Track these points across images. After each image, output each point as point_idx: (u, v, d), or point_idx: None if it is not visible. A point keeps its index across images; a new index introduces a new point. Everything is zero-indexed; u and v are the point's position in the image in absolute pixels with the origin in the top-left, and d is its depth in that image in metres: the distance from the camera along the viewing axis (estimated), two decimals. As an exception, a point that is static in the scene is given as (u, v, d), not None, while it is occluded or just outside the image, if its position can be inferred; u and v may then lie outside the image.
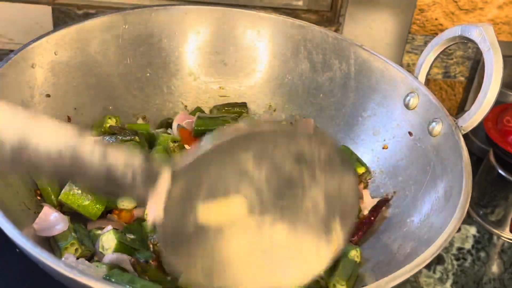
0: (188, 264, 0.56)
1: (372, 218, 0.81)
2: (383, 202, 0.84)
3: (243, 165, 0.54)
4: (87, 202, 0.78)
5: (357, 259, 0.77)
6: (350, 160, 0.79)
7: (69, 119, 0.90)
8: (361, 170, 0.92)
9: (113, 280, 0.68)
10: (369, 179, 0.93)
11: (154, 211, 0.54)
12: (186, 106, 1.03)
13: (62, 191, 0.79)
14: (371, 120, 0.95)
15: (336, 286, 0.73)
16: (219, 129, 0.54)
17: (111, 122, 0.91)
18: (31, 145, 0.50)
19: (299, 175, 0.55)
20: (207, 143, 0.53)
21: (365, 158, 0.94)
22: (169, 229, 0.54)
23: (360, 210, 0.85)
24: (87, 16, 1.09)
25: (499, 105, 1.07)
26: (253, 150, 0.54)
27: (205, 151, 0.52)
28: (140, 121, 0.99)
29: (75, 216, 0.79)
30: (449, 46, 0.89)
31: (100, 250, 0.75)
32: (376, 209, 0.82)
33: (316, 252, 0.56)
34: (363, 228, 0.78)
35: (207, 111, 1.02)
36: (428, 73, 0.91)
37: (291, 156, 0.54)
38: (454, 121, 0.83)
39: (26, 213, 0.76)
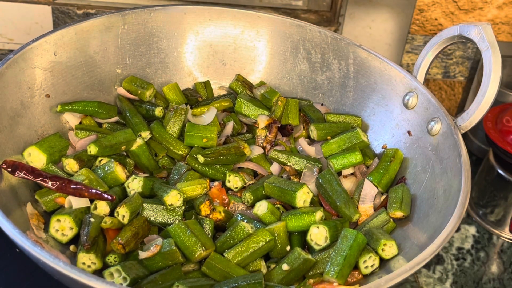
0: None
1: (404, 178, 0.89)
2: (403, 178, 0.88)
3: None
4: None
5: None
6: None
7: (68, 119, 0.90)
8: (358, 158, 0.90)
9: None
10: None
11: None
12: (185, 106, 1.03)
13: None
14: (370, 119, 0.95)
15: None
16: None
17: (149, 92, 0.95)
18: None
19: None
20: None
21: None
22: None
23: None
24: (87, 16, 1.09)
25: (499, 105, 1.07)
26: None
27: None
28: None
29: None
30: (448, 46, 0.89)
31: None
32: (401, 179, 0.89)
33: None
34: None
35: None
36: (427, 73, 0.91)
37: None
38: (453, 120, 0.83)
39: (26, 213, 0.76)
